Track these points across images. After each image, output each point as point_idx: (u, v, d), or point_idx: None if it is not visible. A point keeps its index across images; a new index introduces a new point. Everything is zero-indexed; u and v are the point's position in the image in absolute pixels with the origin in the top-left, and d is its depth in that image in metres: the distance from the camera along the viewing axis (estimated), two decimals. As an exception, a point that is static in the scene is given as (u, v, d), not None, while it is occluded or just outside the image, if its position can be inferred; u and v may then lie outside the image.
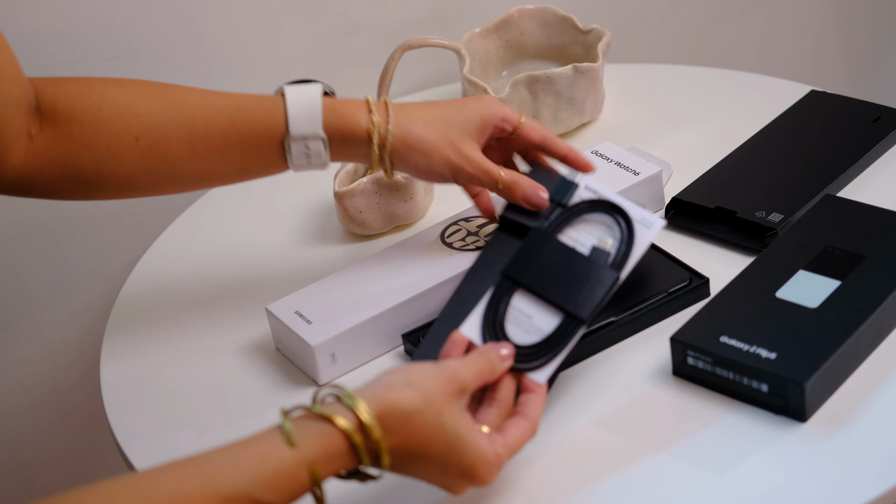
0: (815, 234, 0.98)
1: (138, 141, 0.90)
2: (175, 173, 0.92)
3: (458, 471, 0.77)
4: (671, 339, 0.91)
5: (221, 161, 0.93)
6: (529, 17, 1.30)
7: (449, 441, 0.76)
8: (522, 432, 0.81)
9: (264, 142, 0.92)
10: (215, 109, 0.92)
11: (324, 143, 0.92)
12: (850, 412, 0.87)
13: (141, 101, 0.91)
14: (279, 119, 0.92)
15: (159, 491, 0.68)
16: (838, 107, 1.20)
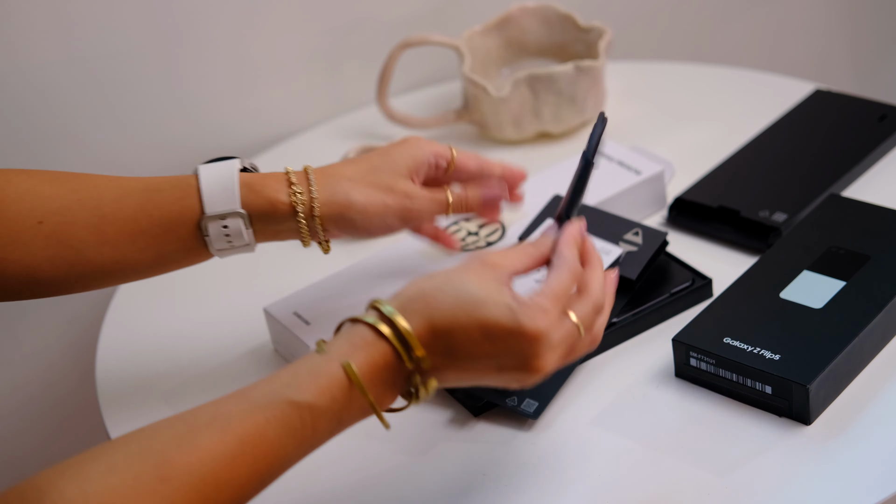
0: (820, 234, 0.98)
1: (41, 225, 0.83)
2: (83, 262, 0.84)
3: (503, 332, 0.72)
4: (673, 340, 0.91)
5: (134, 248, 0.85)
6: (530, 14, 1.30)
7: (476, 300, 0.71)
8: (558, 275, 0.75)
9: (179, 226, 0.85)
10: (123, 192, 0.85)
11: (244, 221, 0.85)
12: (855, 414, 0.86)
13: (46, 185, 0.84)
14: (192, 199, 0.85)
15: (200, 416, 0.69)
16: (843, 105, 1.20)
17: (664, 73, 1.35)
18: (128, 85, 1.25)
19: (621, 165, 1.10)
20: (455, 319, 0.72)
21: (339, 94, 1.36)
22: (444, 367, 0.73)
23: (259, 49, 1.31)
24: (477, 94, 1.23)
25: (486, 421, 0.90)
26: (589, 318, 0.76)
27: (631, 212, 1.09)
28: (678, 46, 1.59)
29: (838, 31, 1.73)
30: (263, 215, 0.86)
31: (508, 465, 0.86)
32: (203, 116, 1.31)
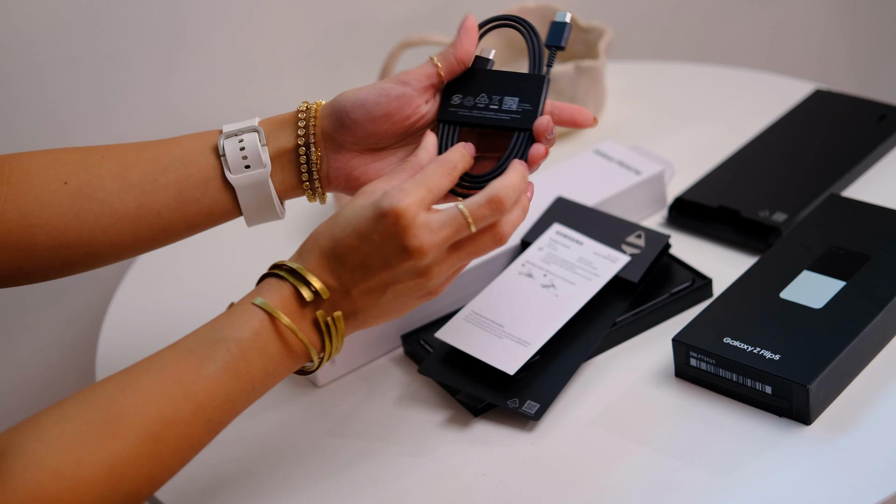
0: (820, 234, 0.98)
1: (67, 185, 0.85)
2: (108, 212, 0.85)
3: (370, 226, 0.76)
4: (674, 340, 0.91)
5: (155, 188, 0.86)
6: (530, 14, 1.30)
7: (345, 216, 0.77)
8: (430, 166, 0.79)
9: (198, 156, 0.86)
10: (148, 143, 0.88)
11: (259, 134, 0.86)
12: (855, 414, 0.86)
13: (70, 153, 0.87)
14: (213, 133, 0.87)
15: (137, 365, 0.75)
16: (843, 105, 1.20)
17: (664, 72, 1.35)
18: (125, 86, 1.25)
19: (621, 165, 1.10)
20: (334, 237, 0.77)
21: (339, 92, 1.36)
22: (346, 293, 0.78)
23: (258, 49, 1.31)
24: (477, 94, 1.23)
25: (486, 421, 0.90)
26: (481, 210, 0.77)
27: (631, 212, 1.09)
28: (678, 46, 1.59)
29: (838, 31, 1.73)
30: (275, 130, 0.87)
31: (508, 465, 0.86)
32: (202, 117, 1.31)
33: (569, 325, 0.94)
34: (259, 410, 0.95)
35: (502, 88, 0.84)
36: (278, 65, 1.33)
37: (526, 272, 0.98)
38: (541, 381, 0.91)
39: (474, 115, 0.84)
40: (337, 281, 0.77)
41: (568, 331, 0.94)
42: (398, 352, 1.00)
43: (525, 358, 0.91)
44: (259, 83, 1.32)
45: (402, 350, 0.99)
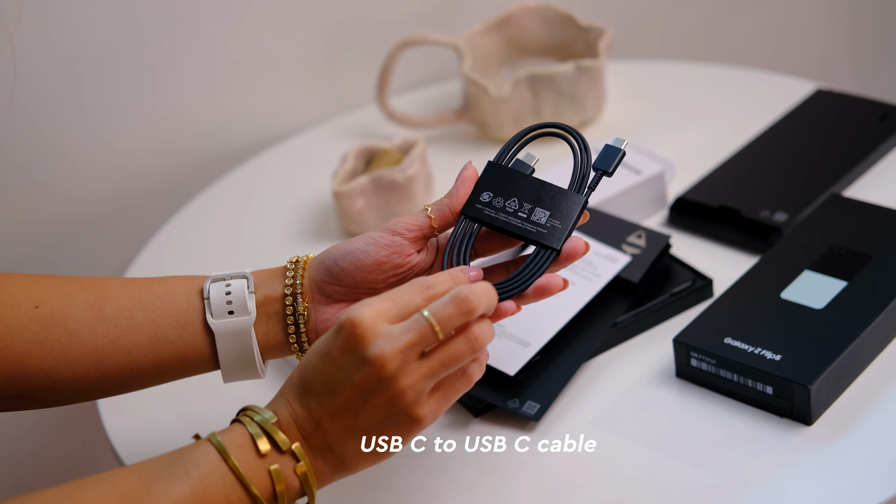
0: (821, 234, 0.98)
1: (38, 309, 0.80)
2: (75, 344, 0.80)
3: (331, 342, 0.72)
4: (674, 340, 0.91)
5: (130, 325, 0.81)
6: (530, 13, 1.30)
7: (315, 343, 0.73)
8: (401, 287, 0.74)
9: (181, 296, 0.81)
10: (131, 278, 0.84)
11: (248, 281, 0.81)
12: (857, 415, 0.86)
13: (46, 278, 0.82)
14: (200, 278, 0.83)
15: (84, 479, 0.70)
16: (844, 105, 1.19)
17: (665, 72, 1.35)
18: (127, 86, 1.25)
19: (622, 165, 1.10)
20: (302, 364, 0.73)
21: (339, 93, 1.36)
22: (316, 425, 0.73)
23: (258, 48, 1.31)
24: (477, 93, 1.23)
25: (486, 422, 0.90)
26: (445, 310, 0.72)
27: (631, 212, 1.08)
28: (679, 45, 1.59)
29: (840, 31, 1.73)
30: (265, 279, 0.82)
31: (508, 465, 0.86)
32: (202, 116, 1.30)
33: (569, 326, 0.94)
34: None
35: (536, 197, 0.79)
36: (278, 64, 1.32)
37: None
38: (541, 381, 0.91)
39: (500, 218, 0.79)
40: (305, 409, 0.73)
41: (568, 331, 0.94)
42: (398, 352, 0.99)
43: (525, 358, 0.91)
44: (258, 82, 1.32)
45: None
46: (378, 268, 0.80)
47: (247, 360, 0.82)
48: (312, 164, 1.26)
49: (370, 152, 1.17)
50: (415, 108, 1.32)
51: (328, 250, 0.82)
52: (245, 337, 0.81)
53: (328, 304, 0.82)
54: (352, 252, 0.80)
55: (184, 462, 0.71)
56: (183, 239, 1.19)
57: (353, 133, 1.31)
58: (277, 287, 0.82)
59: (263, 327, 0.82)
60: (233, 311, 0.81)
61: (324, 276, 0.81)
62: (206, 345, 0.81)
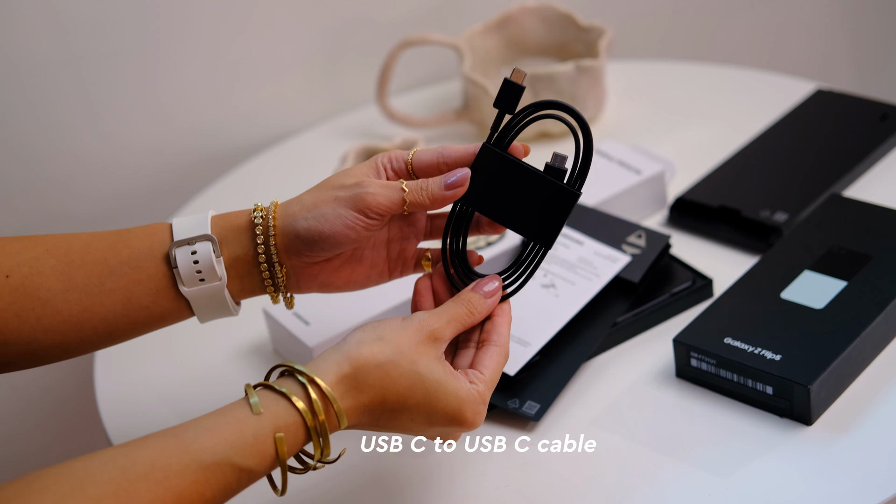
0: (821, 234, 0.98)
1: (9, 279, 0.79)
2: (50, 313, 0.80)
3: (444, 418, 0.76)
4: (674, 340, 0.91)
5: (101, 291, 0.80)
6: (530, 14, 1.30)
7: (428, 389, 0.75)
8: (497, 361, 0.79)
9: (148, 260, 0.81)
10: (93, 237, 0.82)
11: (213, 244, 0.80)
12: (856, 415, 0.86)
13: (13, 242, 0.81)
14: (163, 233, 0.81)
15: (137, 463, 0.68)
16: (844, 105, 1.19)
17: (665, 72, 1.35)
18: (119, 86, 1.25)
19: (622, 165, 1.10)
20: (406, 403, 0.75)
21: (339, 93, 1.36)
22: (376, 422, 0.76)
23: (258, 48, 1.31)
24: (477, 93, 1.23)
25: (486, 422, 0.90)
26: None
27: (631, 211, 1.08)
28: (679, 45, 1.59)
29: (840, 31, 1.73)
30: (228, 237, 0.81)
31: (508, 465, 0.86)
32: (203, 116, 1.30)
33: (569, 326, 0.94)
34: (259, 411, 0.95)
35: (530, 190, 0.79)
36: (278, 64, 1.32)
37: None
38: (541, 381, 0.91)
39: (494, 209, 0.80)
40: (371, 424, 0.76)
41: (568, 331, 0.94)
42: (398, 352, 0.99)
43: (526, 358, 0.91)
44: (258, 82, 1.32)
45: (402, 350, 0.99)
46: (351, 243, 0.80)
47: (222, 308, 0.82)
48: (313, 163, 1.26)
49: (370, 152, 1.17)
50: (415, 108, 1.32)
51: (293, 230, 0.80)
52: (219, 296, 0.81)
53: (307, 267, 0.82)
54: (332, 236, 0.79)
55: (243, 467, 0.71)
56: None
57: (354, 133, 1.31)
58: (246, 247, 0.81)
59: (237, 284, 0.82)
60: (203, 279, 0.80)
61: (298, 247, 0.81)
62: (180, 305, 0.82)
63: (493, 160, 0.79)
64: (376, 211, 0.79)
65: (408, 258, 0.85)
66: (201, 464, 0.70)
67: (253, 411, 0.72)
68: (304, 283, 0.82)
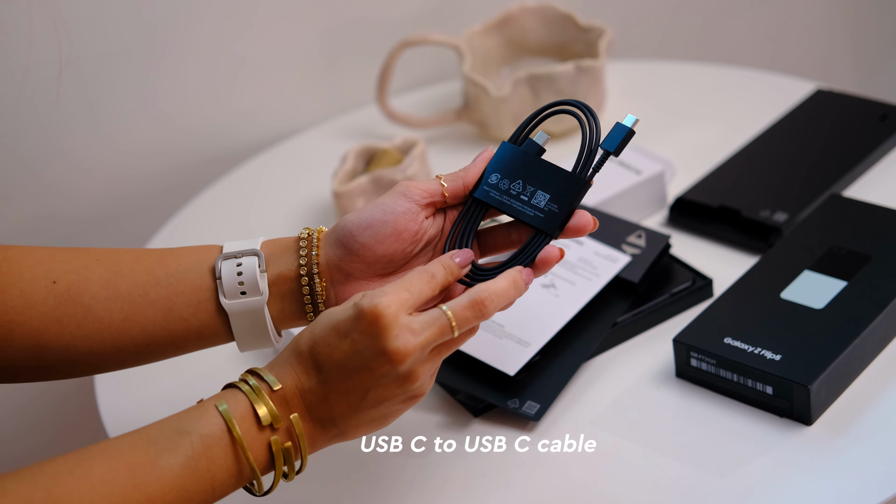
0: (821, 234, 0.98)
1: (56, 284, 0.81)
2: (91, 320, 0.81)
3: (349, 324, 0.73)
4: (674, 340, 0.91)
5: (144, 302, 0.81)
6: (530, 14, 1.30)
7: (327, 314, 0.74)
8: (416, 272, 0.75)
9: (194, 272, 0.82)
10: (145, 252, 0.83)
11: (259, 260, 0.81)
12: (856, 415, 0.86)
13: (64, 251, 0.83)
14: (213, 250, 0.83)
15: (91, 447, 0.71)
16: (844, 105, 1.19)
17: (665, 72, 1.35)
18: (129, 85, 1.25)
19: (622, 165, 1.10)
20: (313, 336, 0.74)
21: (339, 93, 1.36)
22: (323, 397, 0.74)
23: (258, 48, 1.31)
24: (477, 93, 1.23)
25: (486, 422, 0.90)
26: (464, 312, 0.74)
27: (631, 212, 1.08)
28: (679, 45, 1.59)
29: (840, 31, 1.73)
30: (275, 255, 0.82)
31: (508, 465, 0.86)
32: (204, 116, 1.30)
33: (569, 326, 0.94)
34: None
35: (539, 180, 0.79)
36: (278, 64, 1.32)
37: None
38: (541, 381, 0.91)
39: (503, 200, 0.79)
40: (313, 383, 0.74)
41: (568, 331, 0.94)
42: (398, 352, 0.99)
43: (525, 358, 0.91)
44: (258, 83, 1.32)
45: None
46: (397, 237, 0.80)
47: (261, 333, 0.82)
48: (313, 164, 1.26)
49: (370, 152, 1.17)
50: (415, 109, 1.32)
51: (342, 224, 0.81)
52: (259, 315, 0.81)
53: (347, 282, 0.81)
54: (370, 225, 0.79)
55: (188, 431, 0.72)
56: (184, 238, 1.19)
57: (354, 133, 1.31)
58: (291, 263, 0.82)
59: (278, 305, 0.82)
60: (245, 292, 0.81)
61: (341, 254, 0.80)
62: (220, 323, 0.82)
63: (510, 154, 0.80)
64: (418, 193, 0.80)
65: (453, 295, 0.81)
66: (148, 437, 0.71)
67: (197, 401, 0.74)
68: (342, 300, 0.82)
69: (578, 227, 0.79)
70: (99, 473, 0.69)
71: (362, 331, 0.72)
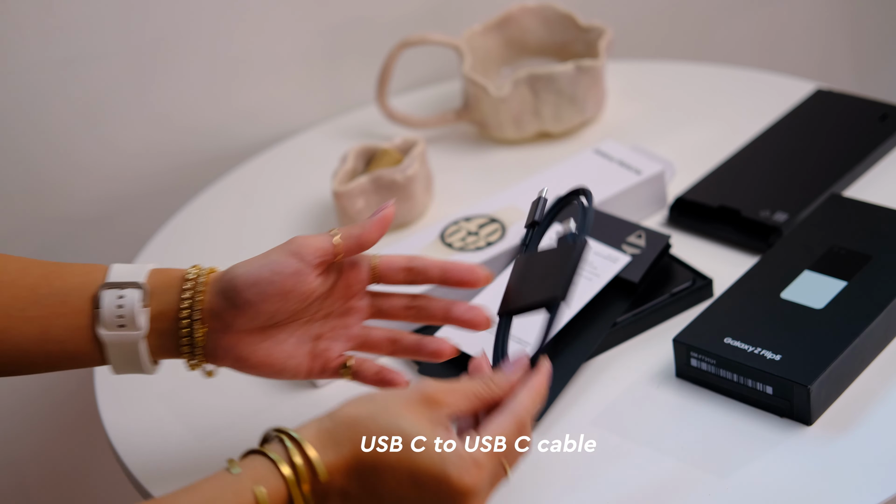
0: (821, 234, 0.98)
1: None
2: None
3: (430, 479, 0.69)
4: (674, 340, 0.91)
5: (21, 317, 0.79)
6: (530, 14, 1.30)
7: (407, 443, 0.69)
8: (504, 426, 0.71)
9: (75, 296, 0.79)
10: (32, 264, 0.81)
11: (142, 294, 0.79)
12: (856, 415, 0.86)
13: None
14: (99, 273, 0.80)
15: None
16: (844, 105, 1.20)
17: (665, 72, 1.35)
18: (126, 85, 1.25)
19: (622, 165, 1.10)
20: (384, 458, 0.69)
21: (339, 93, 1.36)
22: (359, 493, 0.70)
23: (257, 48, 1.31)
24: (477, 93, 1.23)
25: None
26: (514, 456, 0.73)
27: (631, 212, 1.08)
28: (679, 45, 1.59)
29: (839, 31, 1.73)
30: (160, 289, 0.80)
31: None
32: (202, 116, 1.30)
33: (569, 326, 0.94)
34: (259, 410, 0.95)
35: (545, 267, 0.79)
36: (278, 64, 1.32)
37: None
38: (541, 381, 0.91)
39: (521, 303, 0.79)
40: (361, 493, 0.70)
41: (568, 331, 0.94)
42: (398, 352, 0.99)
43: (525, 358, 0.90)
44: (258, 82, 1.32)
45: (401, 350, 0.99)
46: (284, 297, 0.79)
47: (136, 363, 0.81)
48: (312, 164, 1.26)
49: (370, 152, 1.17)
50: (415, 109, 1.32)
51: (229, 277, 0.79)
52: (134, 347, 0.80)
53: (226, 332, 0.80)
54: (256, 283, 0.78)
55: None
56: (183, 239, 1.19)
57: (353, 133, 1.31)
58: (173, 302, 0.80)
59: (155, 340, 0.80)
60: (123, 325, 0.79)
61: (224, 305, 0.79)
62: (95, 349, 0.80)
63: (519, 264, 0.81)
64: (310, 254, 0.79)
65: (330, 359, 0.83)
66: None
67: (231, 470, 0.69)
68: (220, 352, 0.80)
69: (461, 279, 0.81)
70: None
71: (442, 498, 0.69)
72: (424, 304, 0.83)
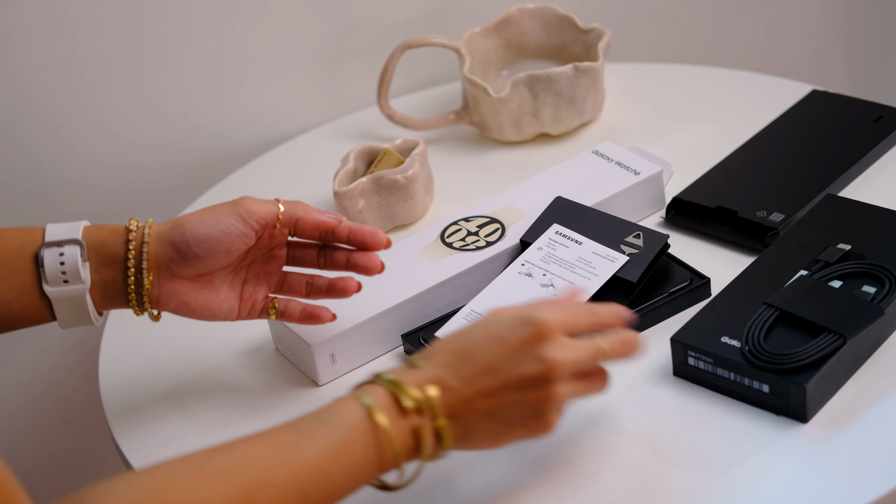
0: (817, 234, 0.98)
1: None
2: None
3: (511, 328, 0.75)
4: (672, 339, 0.91)
5: None
6: (530, 16, 1.30)
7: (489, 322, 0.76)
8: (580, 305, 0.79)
9: (16, 258, 0.84)
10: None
11: (81, 249, 0.83)
12: (852, 413, 0.86)
13: None
14: (36, 235, 0.84)
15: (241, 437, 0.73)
16: (840, 106, 1.20)
17: (662, 74, 1.35)
18: (126, 87, 1.25)
19: (620, 166, 1.11)
20: (467, 338, 0.77)
21: (340, 95, 1.36)
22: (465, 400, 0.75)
23: (259, 50, 1.31)
24: (477, 95, 1.23)
25: (486, 419, 0.90)
26: (613, 348, 0.78)
27: (630, 212, 1.09)
28: (676, 48, 1.59)
29: (834, 33, 1.73)
30: (100, 242, 0.85)
31: (508, 465, 0.87)
32: (203, 118, 1.31)
33: (568, 325, 0.94)
34: (260, 410, 0.96)
35: None
36: (279, 66, 1.33)
37: (525, 272, 0.98)
38: (540, 379, 0.91)
39: None
40: (459, 381, 0.75)
41: (567, 330, 0.94)
42: (399, 351, 1.00)
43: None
44: (260, 84, 1.33)
45: (402, 349, 1.00)
46: (227, 255, 0.87)
47: (83, 316, 0.86)
48: (314, 164, 1.27)
49: (371, 153, 1.17)
50: (415, 110, 1.32)
51: (180, 230, 0.85)
52: (81, 301, 0.84)
53: (171, 279, 0.86)
54: (206, 241, 0.85)
55: (329, 419, 0.73)
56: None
57: (354, 135, 1.31)
58: (118, 253, 0.85)
59: (100, 291, 0.85)
60: (67, 280, 0.84)
61: (173, 256, 0.85)
62: (42, 306, 0.85)
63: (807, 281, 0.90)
64: (256, 220, 0.87)
65: (256, 302, 0.91)
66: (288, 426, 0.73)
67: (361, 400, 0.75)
68: (164, 298, 0.87)
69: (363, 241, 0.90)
70: (246, 450, 0.72)
71: (523, 337, 0.75)
72: (331, 252, 0.92)
